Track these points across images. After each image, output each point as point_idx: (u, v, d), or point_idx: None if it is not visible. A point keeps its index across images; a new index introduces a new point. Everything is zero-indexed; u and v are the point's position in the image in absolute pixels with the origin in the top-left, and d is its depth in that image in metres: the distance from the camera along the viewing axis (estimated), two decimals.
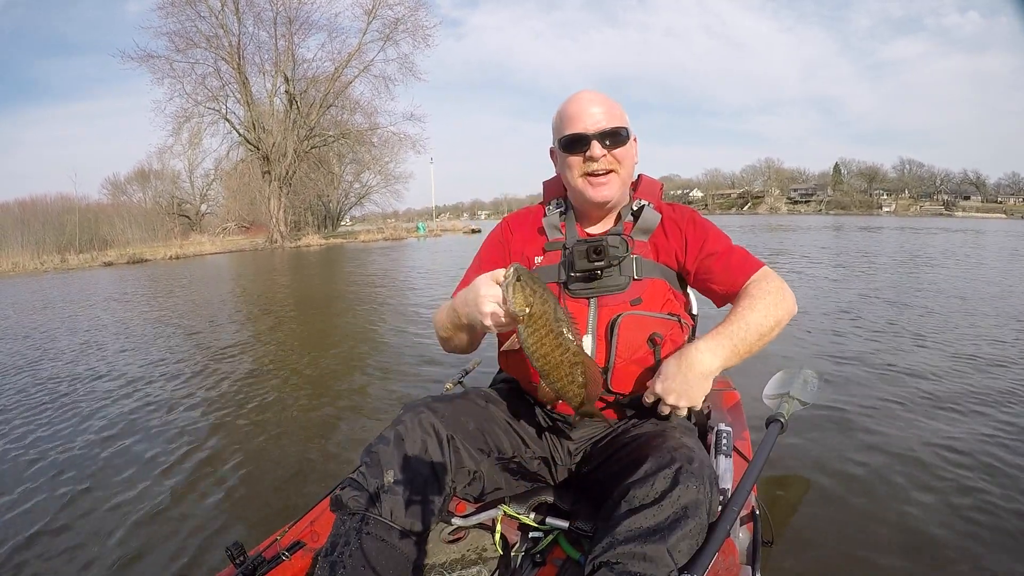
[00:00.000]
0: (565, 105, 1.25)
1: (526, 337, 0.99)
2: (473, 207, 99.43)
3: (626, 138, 1.24)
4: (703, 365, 1.09)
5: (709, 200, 75.63)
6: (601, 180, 1.24)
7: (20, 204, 25.32)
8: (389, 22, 25.77)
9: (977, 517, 1.91)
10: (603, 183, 1.24)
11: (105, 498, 2.35)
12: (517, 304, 0.96)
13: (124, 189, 35.34)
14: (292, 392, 3.69)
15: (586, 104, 1.22)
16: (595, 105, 1.22)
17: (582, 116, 1.21)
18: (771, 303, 1.15)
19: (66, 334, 6.32)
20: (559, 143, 1.26)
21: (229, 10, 23.78)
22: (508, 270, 0.99)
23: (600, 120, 1.21)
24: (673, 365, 1.11)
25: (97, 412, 3.47)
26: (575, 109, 1.23)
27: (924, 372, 3.51)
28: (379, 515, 1.01)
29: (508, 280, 0.97)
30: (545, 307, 0.97)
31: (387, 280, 10.56)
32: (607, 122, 1.21)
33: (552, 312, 0.97)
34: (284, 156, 25.60)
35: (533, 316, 0.97)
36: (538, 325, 0.97)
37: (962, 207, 57.24)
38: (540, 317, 0.97)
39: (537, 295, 0.96)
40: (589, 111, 1.21)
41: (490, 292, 1.01)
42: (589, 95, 1.24)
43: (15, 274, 17.66)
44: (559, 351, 0.99)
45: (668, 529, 0.89)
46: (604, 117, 1.21)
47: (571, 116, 1.23)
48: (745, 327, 1.12)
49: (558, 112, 1.27)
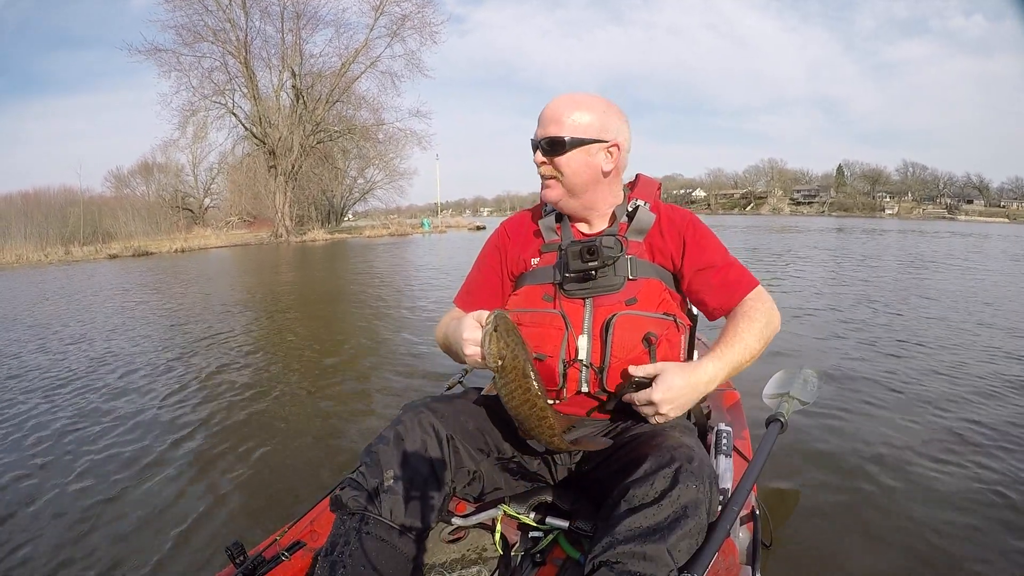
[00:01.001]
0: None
1: (500, 386, 1.03)
2: (476, 204, 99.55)
3: (565, 147, 1.21)
4: (708, 385, 1.14)
5: (712, 200, 75.58)
6: (546, 183, 1.27)
7: (23, 196, 25.38)
8: (396, 18, 25.77)
9: (980, 518, 1.91)
10: (547, 187, 1.28)
11: (103, 497, 2.35)
12: (491, 356, 1.01)
13: (127, 182, 35.35)
14: (293, 392, 3.70)
15: (548, 109, 1.23)
16: (554, 111, 1.22)
17: (540, 120, 1.24)
18: (764, 325, 1.19)
19: (59, 328, 6.33)
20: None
21: (236, 4, 23.80)
22: (490, 316, 1.02)
23: (547, 127, 1.22)
24: (679, 379, 1.11)
25: (91, 408, 3.48)
26: (542, 112, 1.25)
27: (925, 373, 3.51)
28: (379, 515, 1.01)
29: (487, 329, 1.01)
30: (516, 361, 1.01)
31: (393, 277, 10.55)
32: (552, 130, 1.21)
33: (522, 366, 1.01)
34: (290, 151, 25.64)
35: (505, 368, 1.01)
36: (509, 378, 1.01)
37: (965, 211, 57.11)
38: (511, 371, 1.01)
39: (510, 348, 1.00)
40: (546, 115, 1.23)
41: (472, 336, 1.06)
42: (560, 100, 1.24)
43: (19, 266, 17.70)
44: (527, 406, 1.03)
45: (668, 529, 0.89)
46: (552, 125, 1.22)
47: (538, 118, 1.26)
48: (743, 349, 1.17)
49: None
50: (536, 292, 1.27)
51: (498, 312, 1.02)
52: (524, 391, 1.02)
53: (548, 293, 1.26)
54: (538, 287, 1.27)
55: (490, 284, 1.37)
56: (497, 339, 1.00)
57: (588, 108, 1.23)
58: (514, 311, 1.26)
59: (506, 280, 1.36)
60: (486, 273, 1.38)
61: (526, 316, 1.24)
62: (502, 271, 1.36)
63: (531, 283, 1.29)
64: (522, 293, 1.30)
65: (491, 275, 1.37)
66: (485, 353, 1.01)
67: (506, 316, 1.02)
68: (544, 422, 1.05)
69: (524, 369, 1.01)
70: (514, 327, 1.02)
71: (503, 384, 1.02)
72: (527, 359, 1.01)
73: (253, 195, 31.09)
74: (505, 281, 1.36)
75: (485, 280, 1.38)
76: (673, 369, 1.12)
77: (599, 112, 1.23)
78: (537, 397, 1.03)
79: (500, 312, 1.02)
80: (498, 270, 1.37)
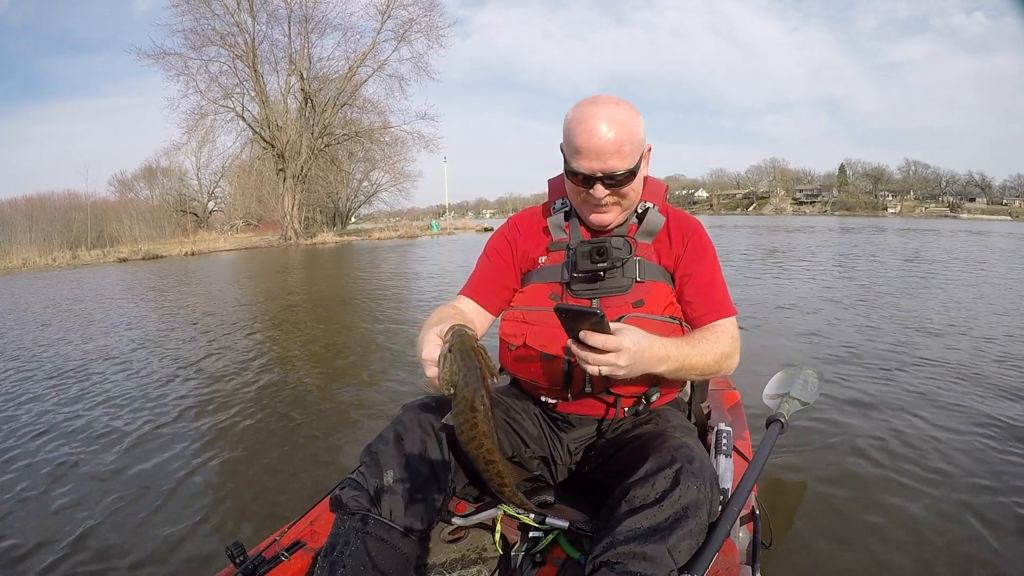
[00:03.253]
0: (575, 124, 1.13)
1: (453, 416, 0.89)
2: (478, 206, 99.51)
3: (635, 173, 1.16)
4: (660, 359, 1.05)
5: (714, 200, 75.32)
6: (603, 208, 1.21)
7: (28, 200, 25.52)
8: (403, 22, 25.95)
9: (981, 518, 1.89)
10: (604, 212, 1.22)
11: (102, 495, 2.36)
12: (443, 381, 0.88)
13: (131, 186, 35.51)
14: (293, 391, 3.70)
15: (597, 137, 1.10)
16: (609, 142, 1.10)
17: (589, 151, 1.12)
18: (723, 355, 1.16)
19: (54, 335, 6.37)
20: (564, 164, 1.21)
21: (243, 8, 23.97)
22: (447, 332, 0.90)
23: (607, 161, 1.12)
24: (642, 336, 1.02)
25: (96, 414, 3.49)
26: (584, 141, 1.11)
27: (926, 373, 3.49)
28: (379, 515, 1.01)
29: (441, 351, 0.89)
30: (465, 390, 0.86)
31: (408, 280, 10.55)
32: (614, 163, 1.12)
33: (471, 397, 0.86)
34: (299, 154, 25.80)
35: (456, 397, 0.87)
36: (459, 408, 0.87)
37: (967, 209, 56.86)
38: (460, 400, 0.87)
39: (462, 374, 0.86)
40: (599, 147, 1.11)
41: (430, 356, 0.94)
42: (601, 123, 1.10)
43: (27, 270, 17.79)
44: (473, 444, 0.89)
45: (668, 529, 0.89)
46: (614, 158, 1.12)
47: (579, 148, 1.12)
48: (699, 356, 1.12)
49: (568, 123, 1.15)
50: (543, 291, 1.26)
51: (456, 328, 0.89)
52: (471, 427, 0.87)
53: (555, 292, 1.25)
54: (545, 286, 1.26)
55: (500, 274, 1.32)
56: (451, 361, 0.86)
57: (632, 125, 1.13)
58: (521, 309, 1.26)
59: (516, 272, 1.33)
60: (496, 262, 1.33)
61: (532, 315, 1.24)
62: (512, 262, 1.33)
63: (538, 281, 1.28)
64: (528, 291, 1.28)
65: (501, 265, 1.33)
66: (440, 378, 0.88)
67: (464, 334, 0.89)
68: (492, 467, 0.91)
69: (473, 401, 0.86)
70: (472, 348, 0.88)
71: (454, 414, 0.87)
72: (478, 389, 0.86)
73: (257, 198, 31.23)
74: (515, 272, 1.33)
75: (496, 269, 1.33)
76: (634, 328, 1.03)
77: (638, 123, 1.15)
78: (484, 436, 0.88)
79: (459, 329, 0.89)
80: (509, 260, 1.33)
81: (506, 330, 1.27)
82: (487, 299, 1.32)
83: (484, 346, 0.91)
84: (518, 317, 1.25)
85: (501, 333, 1.28)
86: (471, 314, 1.29)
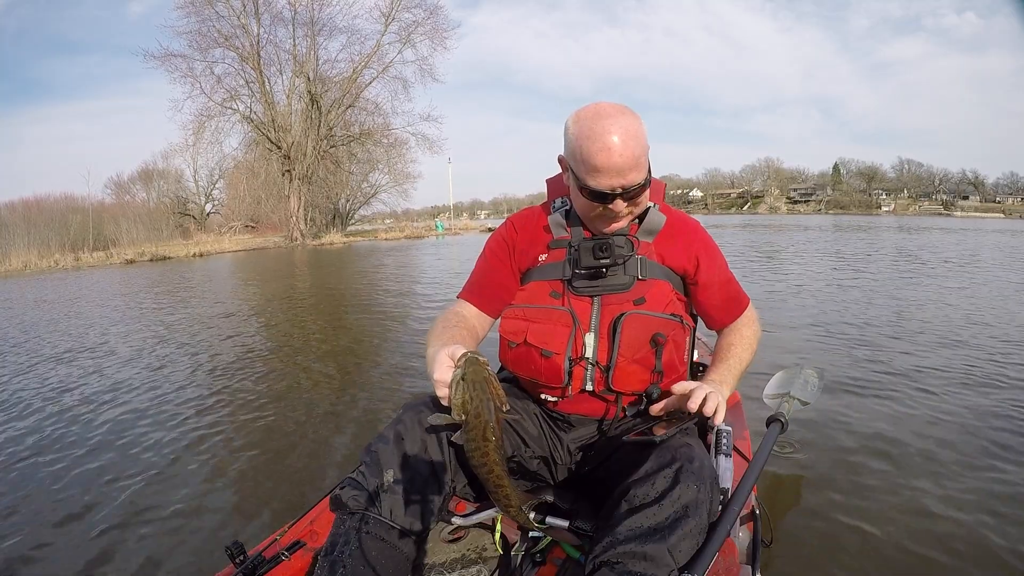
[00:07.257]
0: (588, 143, 1.11)
1: (464, 439, 0.91)
2: (473, 207, 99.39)
3: (649, 181, 1.18)
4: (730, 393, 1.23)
5: (709, 200, 75.46)
6: (618, 219, 1.22)
7: (25, 203, 25.39)
8: (406, 25, 26.08)
9: (982, 519, 1.90)
10: (618, 220, 1.22)
11: (102, 494, 2.35)
12: (455, 407, 0.90)
13: (128, 189, 35.36)
14: (294, 391, 3.70)
15: (616, 155, 1.10)
16: (628, 158, 1.10)
17: (609, 169, 1.11)
18: (754, 340, 1.35)
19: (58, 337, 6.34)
20: (575, 181, 1.20)
21: (248, 11, 23.97)
22: (461, 358, 0.91)
23: (627, 175, 1.12)
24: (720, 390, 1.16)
25: (93, 416, 3.48)
26: (603, 160, 1.10)
27: (926, 373, 3.50)
28: (379, 514, 1.01)
29: (455, 375, 0.90)
30: (479, 420, 0.89)
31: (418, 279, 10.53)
32: (633, 177, 1.13)
33: (483, 427, 0.89)
34: (304, 155, 25.81)
35: (468, 424, 0.90)
36: (470, 435, 0.90)
37: (961, 207, 57.08)
38: (473, 428, 0.89)
39: (474, 403, 0.88)
40: (618, 164, 1.11)
41: (442, 377, 0.95)
42: (618, 140, 1.09)
43: (29, 273, 17.68)
44: (483, 469, 0.92)
45: (668, 529, 0.90)
46: (633, 172, 1.12)
47: (597, 167, 1.11)
48: (739, 366, 1.29)
49: (577, 140, 1.13)
50: (544, 288, 1.26)
51: (470, 356, 0.90)
52: (482, 454, 0.90)
53: (556, 290, 1.25)
54: (546, 283, 1.26)
55: (499, 277, 1.32)
56: (464, 389, 0.88)
57: (641, 134, 1.13)
58: (521, 307, 1.26)
59: (515, 273, 1.33)
60: (495, 265, 1.33)
61: (533, 312, 1.24)
62: (511, 264, 1.32)
63: (538, 279, 1.28)
64: (529, 289, 1.28)
65: (500, 267, 1.33)
66: (451, 401, 0.90)
67: (477, 361, 0.90)
68: (500, 491, 0.94)
69: (485, 431, 0.89)
70: (485, 377, 0.90)
71: (465, 439, 0.91)
72: (491, 418, 0.89)
73: (256, 200, 31.18)
74: (514, 274, 1.33)
75: (494, 272, 1.33)
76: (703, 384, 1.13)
77: (644, 130, 1.15)
78: (495, 464, 0.91)
79: (472, 356, 0.90)
80: (507, 262, 1.32)
81: (507, 327, 1.27)
82: (486, 301, 1.32)
83: (495, 376, 0.92)
84: (519, 315, 1.25)
85: (501, 331, 1.28)
86: (472, 318, 1.30)
